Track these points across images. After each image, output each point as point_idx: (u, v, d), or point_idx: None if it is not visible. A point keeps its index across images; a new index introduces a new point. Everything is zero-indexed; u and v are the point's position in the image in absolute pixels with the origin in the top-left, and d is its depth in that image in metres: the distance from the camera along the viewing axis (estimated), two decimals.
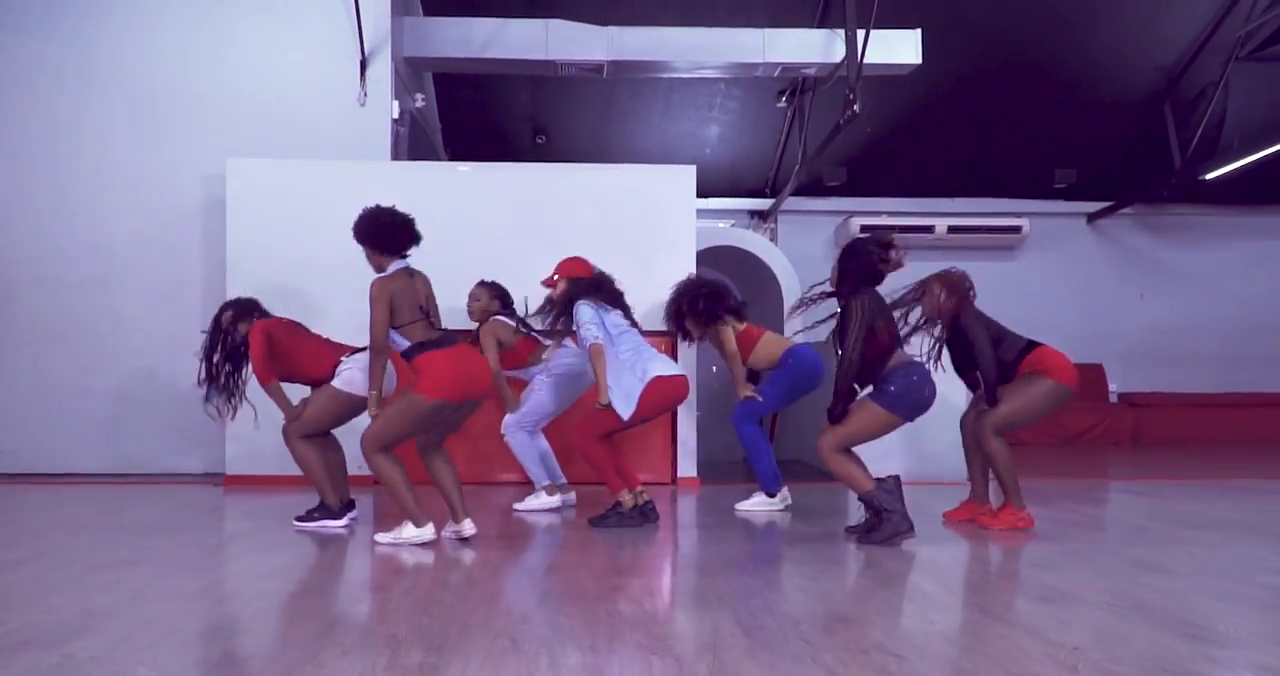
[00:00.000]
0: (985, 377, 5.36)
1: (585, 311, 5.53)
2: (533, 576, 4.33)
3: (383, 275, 4.77)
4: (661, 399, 5.44)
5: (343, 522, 5.45)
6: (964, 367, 5.57)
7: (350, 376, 5.36)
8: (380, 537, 4.90)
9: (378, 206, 4.85)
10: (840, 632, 3.19)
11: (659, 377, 5.41)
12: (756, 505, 6.20)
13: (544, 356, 6.36)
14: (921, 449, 7.66)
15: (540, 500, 6.27)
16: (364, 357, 5.38)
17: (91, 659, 2.86)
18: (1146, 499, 6.78)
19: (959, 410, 7.76)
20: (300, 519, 5.46)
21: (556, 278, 5.83)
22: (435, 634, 3.15)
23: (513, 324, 6.32)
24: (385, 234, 4.78)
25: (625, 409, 5.35)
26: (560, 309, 5.66)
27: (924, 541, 4.99)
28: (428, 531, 4.86)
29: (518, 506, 6.25)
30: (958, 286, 5.46)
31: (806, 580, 4.11)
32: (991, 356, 5.34)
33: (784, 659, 2.86)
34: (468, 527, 4.98)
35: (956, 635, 3.13)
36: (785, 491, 6.27)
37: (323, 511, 5.46)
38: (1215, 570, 4.22)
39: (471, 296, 6.41)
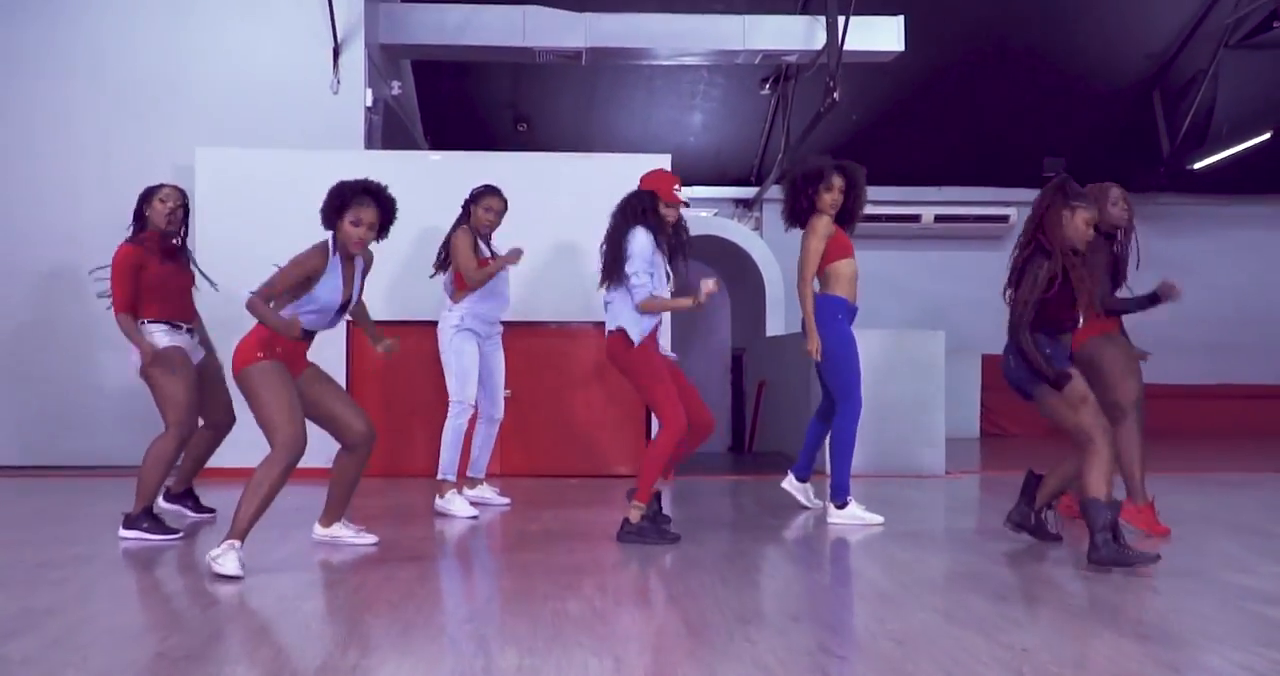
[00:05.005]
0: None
1: (640, 239, 4.75)
2: (486, 576, 4.31)
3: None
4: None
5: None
6: None
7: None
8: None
9: None
10: (788, 632, 3.17)
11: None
12: (847, 517, 5.33)
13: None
14: (882, 440, 7.69)
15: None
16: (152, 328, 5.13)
17: (23, 660, 2.83)
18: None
19: (908, 400, 7.76)
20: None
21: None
22: (376, 633, 3.14)
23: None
24: None
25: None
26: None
27: (887, 538, 4.98)
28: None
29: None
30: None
31: (764, 577, 4.09)
32: None
33: (724, 659, 2.84)
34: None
35: (905, 636, 3.12)
36: (809, 489, 5.81)
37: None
38: (1179, 568, 4.20)
39: (497, 210, 6.12)
